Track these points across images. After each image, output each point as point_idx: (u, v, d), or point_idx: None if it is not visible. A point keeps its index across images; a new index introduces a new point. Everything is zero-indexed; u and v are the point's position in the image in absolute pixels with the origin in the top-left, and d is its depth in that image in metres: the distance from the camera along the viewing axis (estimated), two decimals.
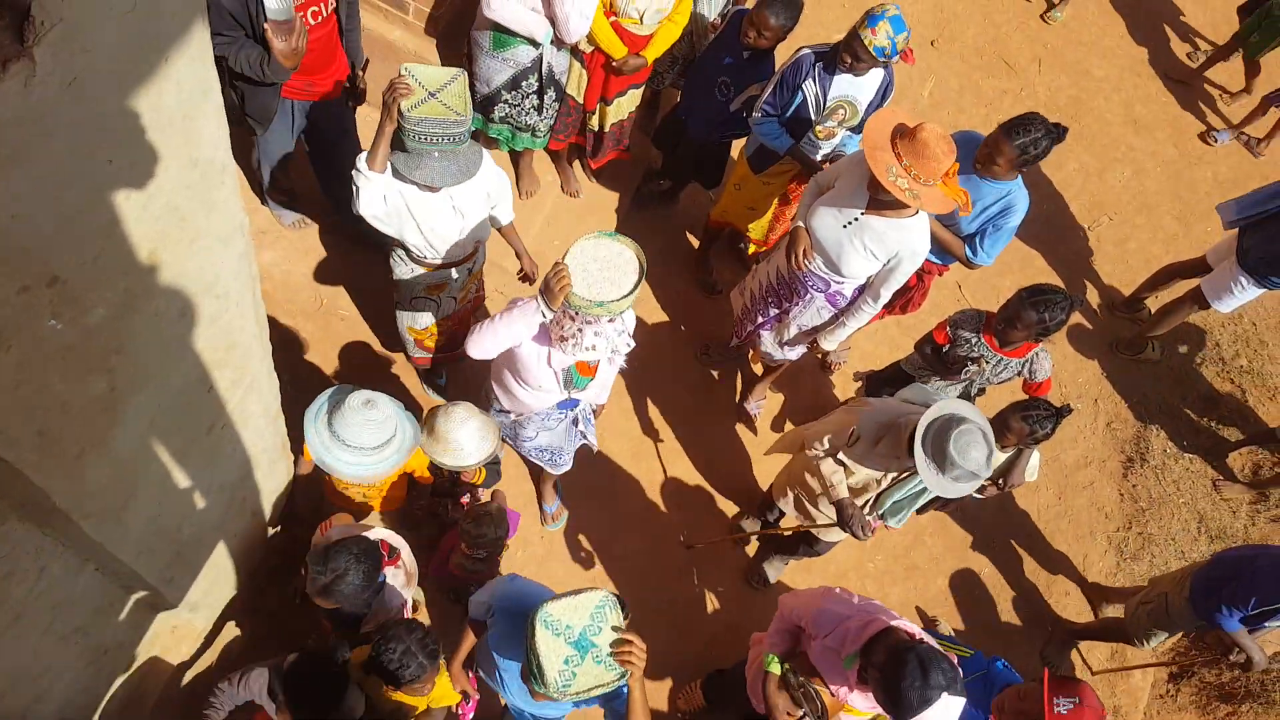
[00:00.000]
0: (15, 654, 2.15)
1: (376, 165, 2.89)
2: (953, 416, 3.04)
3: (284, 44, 3.01)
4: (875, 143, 3.20)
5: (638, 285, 2.72)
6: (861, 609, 2.78)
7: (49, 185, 1.33)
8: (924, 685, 2.41)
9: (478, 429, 3.04)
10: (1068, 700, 2.95)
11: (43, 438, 1.66)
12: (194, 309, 1.92)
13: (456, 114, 2.79)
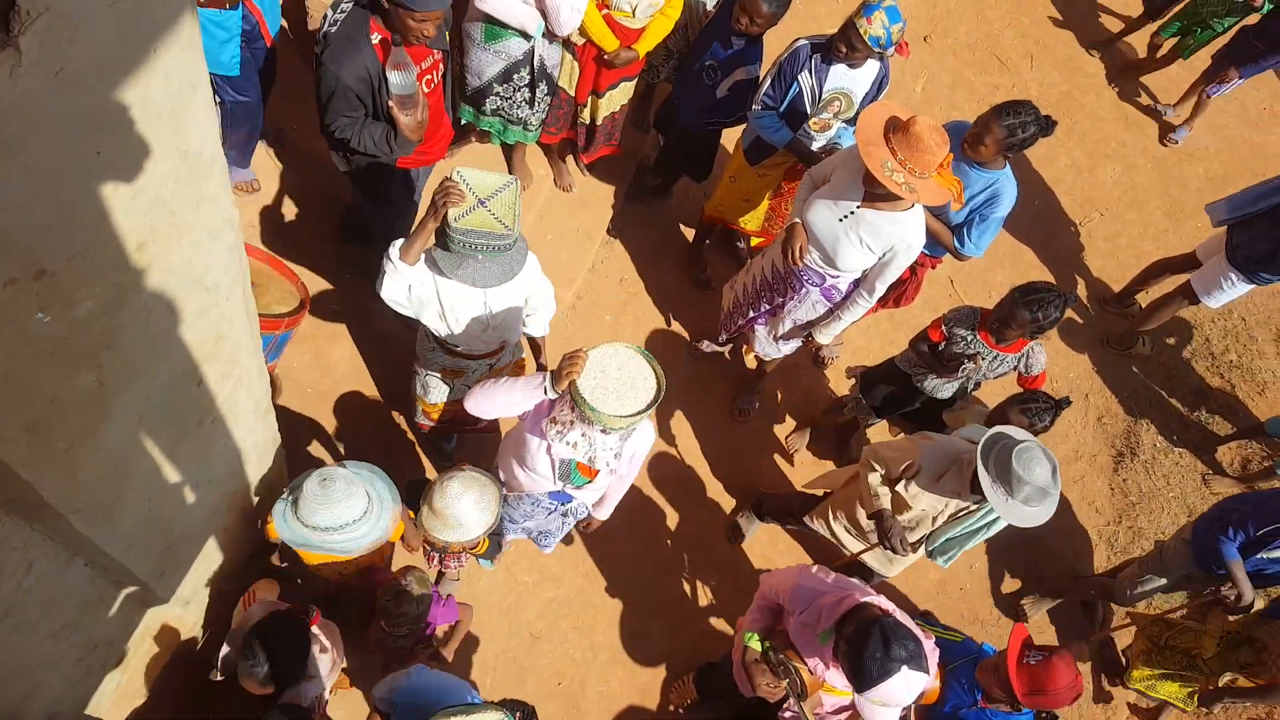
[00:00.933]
0: (4, 651, 2.14)
1: (409, 258, 2.81)
2: (1009, 439, 3.06)
3: (410, 118, 2.99)
4: (869, 138, 3.20)
5: (640, 414, 2.63)
6: (837, 585, 2.81)
7: (36, 177, 1.32)
8: (885, 657, 2.44)
9: (475, 500, 2.90)
10: (1037, 653, 2.96)
11: (31, 432, 1.64)
12: (183, 302, 1.91)
13: (504, 226, 2.70)
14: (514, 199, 2.74)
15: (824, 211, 3.51)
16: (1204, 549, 3.93)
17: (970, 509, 3.29)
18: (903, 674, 2.44)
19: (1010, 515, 3.03)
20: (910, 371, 3.98)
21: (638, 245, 5.12)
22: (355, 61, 2.96)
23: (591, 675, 4.05)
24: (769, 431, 4.88)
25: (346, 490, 2.76)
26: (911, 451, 3.37)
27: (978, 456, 3.04)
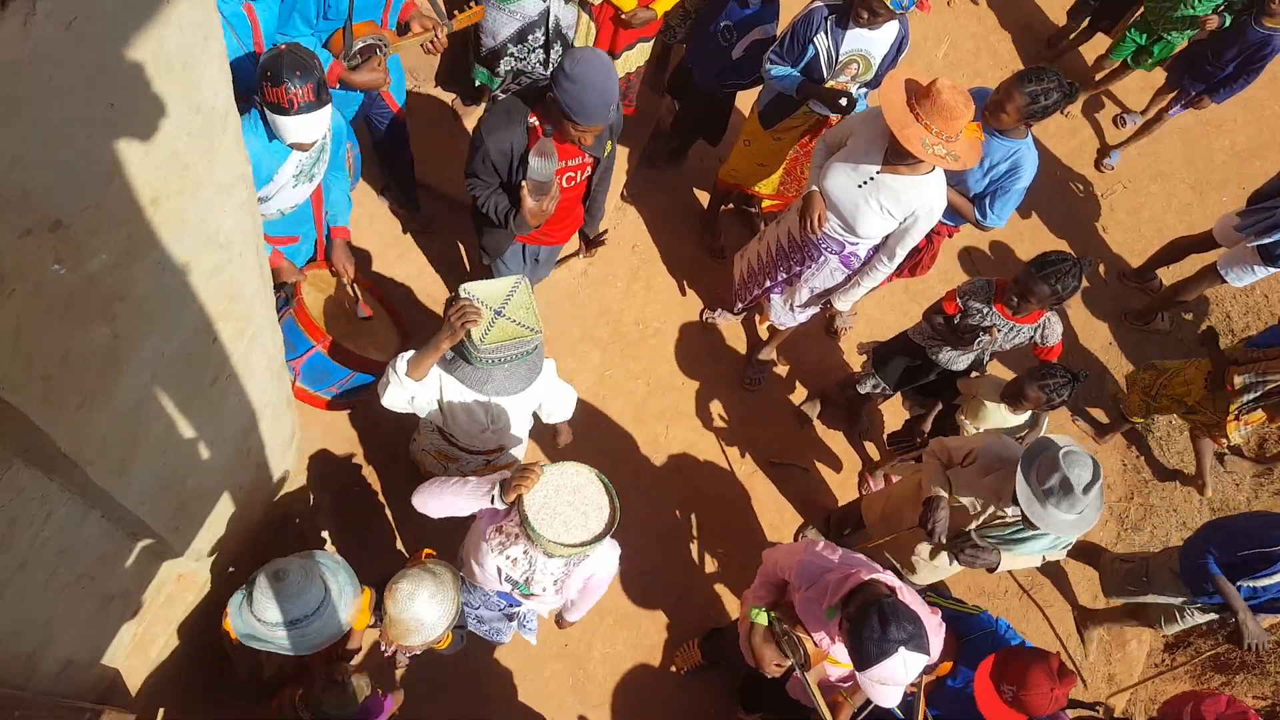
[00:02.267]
0: (22, 600, 2.18)
1: (417, 375, 2.71)
2: (1053, 444, 3.03)
3: (535, 204, 2.98)
4: (901, 120, 3.15)
5: (581, 548, 2.47)
6: (844, 562, 2.81)
7: (50, 129, 1.32)
8: (882, 637, 2.44)
9: (429, 596, 2.74)
10: (1009, 687, 2.92)
11: (47, 384, 1.66)
12: (196, 258, 1.91)
13: (530, 329, 2.61)
14: (528, 298, 2.65)
15: (842, 178, 3.47)
16: (1191, 571, 3.90)
17: (1003, 517, 3.23)
18: (900, 654, 2.44)
19: (1043, 520, 2.97)
20: (924, 344, 3.96)
21: (651, 211, 5.09)
22: (504, 134, 2.97)
23: (598, 638, 4.09)
24: (779, 401, 4.88)
25: (301, 585, 2.66)
26: (975, 442, 3.36)
27: (1019, 462, 3.01)
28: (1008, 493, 3.10)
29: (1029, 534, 3.17)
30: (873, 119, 3.38)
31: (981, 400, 3.84)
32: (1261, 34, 5.02)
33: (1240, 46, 5.14)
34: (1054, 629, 4.71)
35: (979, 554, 3.27)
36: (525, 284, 2.65)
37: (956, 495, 3.28)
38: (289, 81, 2.65)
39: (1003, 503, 3.16)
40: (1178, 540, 5.10)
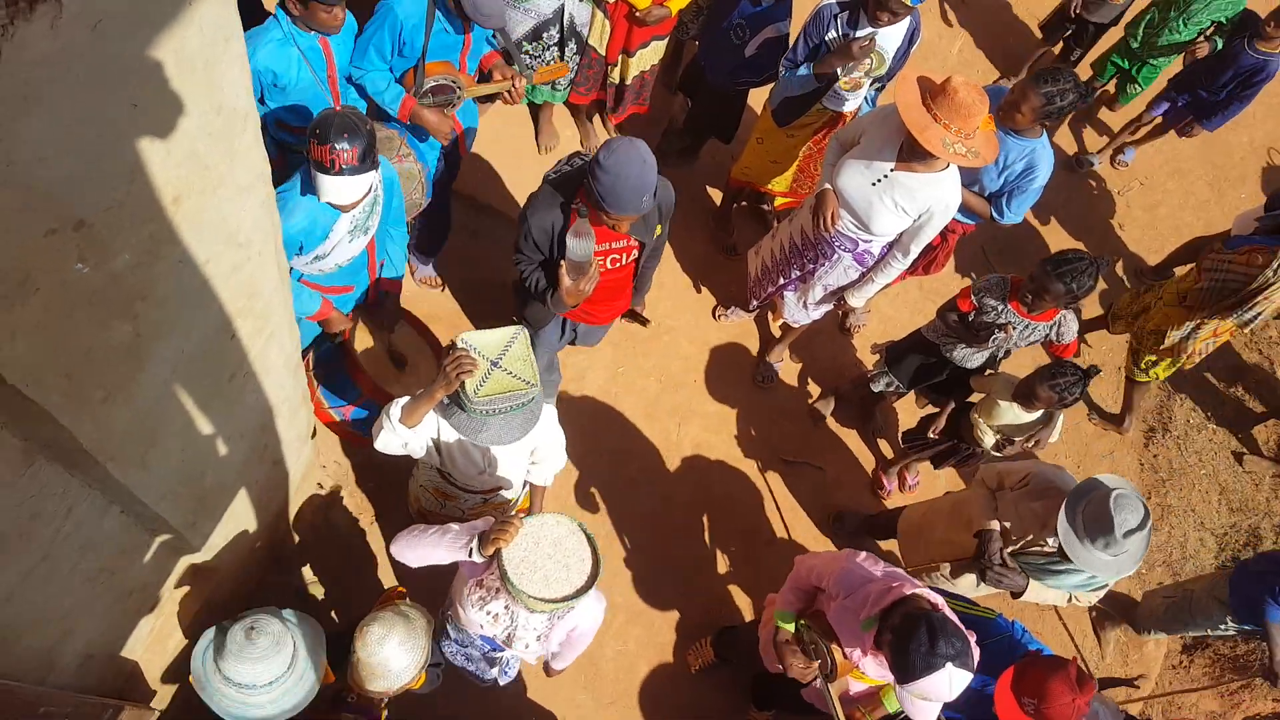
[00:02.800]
0: (44, 591, 2.21)
1: (410, 422, 2.65)
2: (1104, 486, 3.00)
3: (572, 283, 2.97)
4: (920, 122, 3.15)
5: (564, 603, 2.41)
6: (887, 574, 2.78)
7: (74, 128, 1.34)
8: (930, 651, 2.41)
9: (399, 643, 2.64)
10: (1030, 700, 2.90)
11: (69, 380, 1.68)
12: (217, 256, 1.93)
13: (526, 383, 2.54)
14: (525, 350, 2.58)
15: (855, 176, 3.47)
16: (1246, 604, 3.85)
17: (1042, 546, 3.21)
18: (947, 670, 2.41)
19: (1079, 557, 2.94)
20: (939, 341, 3.95)
21: None
22: (545, 214, 2.98)
23: (609, 634, 4.10)
24: (792, 399, 4.87)
25: (273, 648, 2.51)
26: (1030, 467, 3.35)
27: (1067, 495, 2.99)
28: (1052, 523, 3.07)
29: (1064, 567, 3.14)
30: (885, 117, 3.38)
31: (995, 399, 3.83)
32: (1256, 59, 4.89)
33: (1235, 71, 4.99)
34: (1068, 630, 4.70)
35: (1007, 574, 3.24)
36: (524, 336, 2.60)
37: (1001, 518, 3.26)
38: (335, 142, 2.66)
39: (1046, 531, 3.12)
40: (1195, 542, 5.08)
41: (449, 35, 3.33)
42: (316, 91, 3.29)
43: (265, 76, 3.17)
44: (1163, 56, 5.29)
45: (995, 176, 3.73)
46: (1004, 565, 3.23)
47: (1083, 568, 2.98)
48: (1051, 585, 3.25)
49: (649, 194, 2.80)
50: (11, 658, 2.21)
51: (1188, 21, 4.94)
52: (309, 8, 3.04)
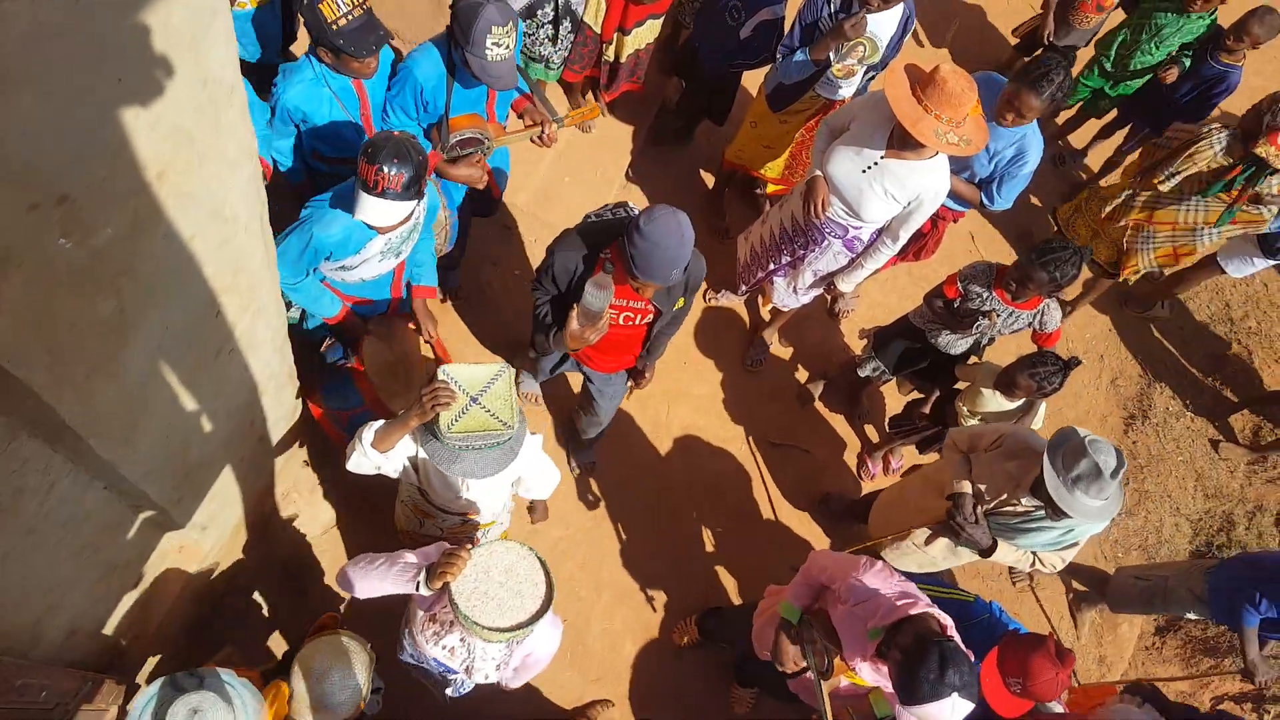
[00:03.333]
0: (27, 567, 2.20)
1: (383, 448, 2.59)
2: (1078, 434, 3.03)
3: (578, 329, 2.91)
4: (912, 115, 3.13)
5: (519, 630, 2.36)
6: (901, 590, 2.79)
7: (58, 103, 1.32)
8: (938, 680, 2.43)
9: (341, 677, 2.59)
10: (1016, 681, 2.94)
11: (52, 357, 1.66)
12: (202, 232, 1.91)
13: (503, 423, 2.49)
14: (508, 389, 2.53)
15: (845, 163, 3.46)
16: (1225, 607, 3.93)
17: (1014, 506, 3.24)
18: (951, 700, 2.43)
19: (1070, 505, 2.97)
20: (924, 327, 3.97)
21: (656, 190, 5.08)
22: (572, 255, 2.94)
23: (596, 613, 4.13)
24: (780, 382, 4.89)
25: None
26: (1005, 429, 3.36)
27: (1045, 450, 3.02)
28: (1026, 481, 3.11)
29: (1034, 526, 3.18)
30: (876, 104, 3.37)
31: (978, 387, 3.86)
32: (1218, 70, 4.85)
33: (1195, 82, 4.95)
34: (1044, 611, 4.76)
35: (977, 531, 3.25)
36: (508, 375, 2.55)
37: (976, 475, 3.29)
38: (383, 164, 2.66)
39: (1020, 490, 3.15)
40: (1171, 527, 5.14)
41: (471, 90, 3.28)
42: (351, 128, 3.27)
43: (295, 114, 3.16)
44: (1135, 79, 5.21)
45: (985, 163, 3.73)
46: (974, 523, 3.25)
47: (1074, 515, 3.00)
48: (1022, 545, 3.28)
49: (680, 268, 2.78)
50: None
51: (1159, 45, 4.90)
52: (340, 58, 3.02)
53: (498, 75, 3.06)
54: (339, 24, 2.93)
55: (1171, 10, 4.78)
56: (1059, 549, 3.29)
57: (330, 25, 2.92)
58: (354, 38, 2.96)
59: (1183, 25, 4.80)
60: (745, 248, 4.34)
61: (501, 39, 2.98)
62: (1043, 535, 3.19)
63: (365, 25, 2.98)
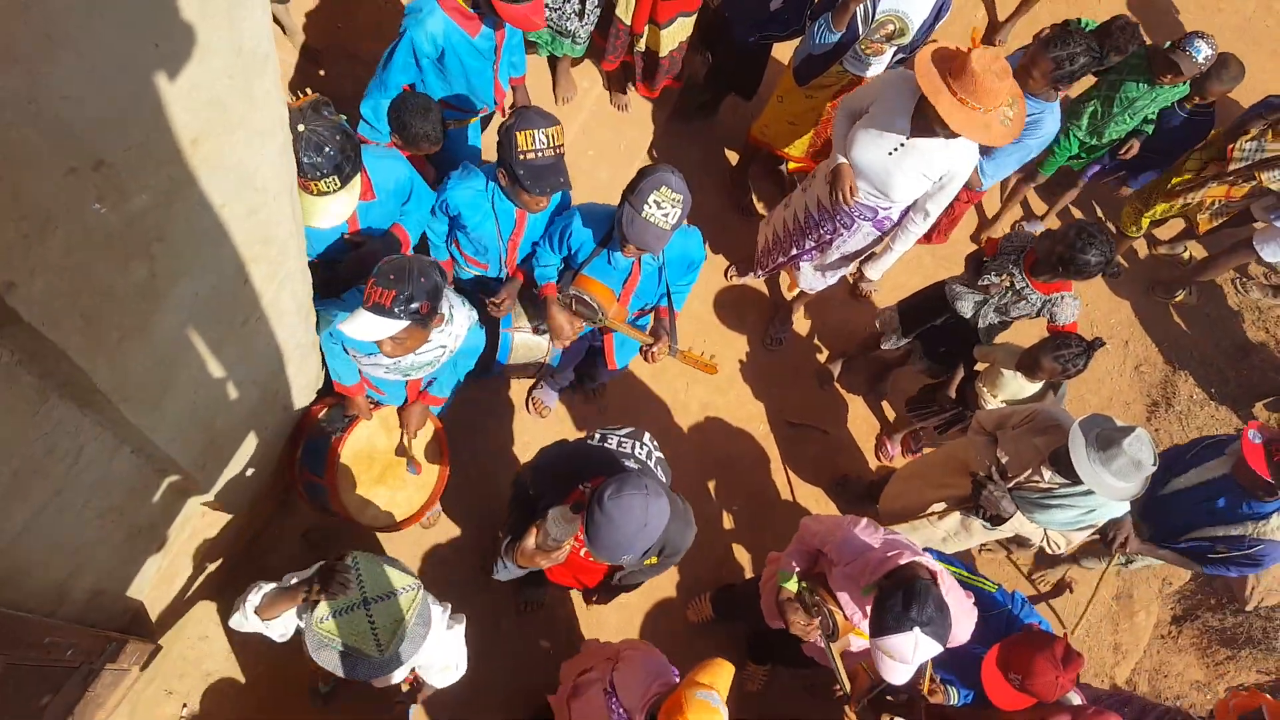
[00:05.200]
0: (55, 528, 2.23)
1: (266, 615, 2.49)
2: (1113, 421, 3.03)
3: (531, 545, 2.61)
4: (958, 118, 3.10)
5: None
6: (886, 543, 2.81)
7: (97, 68, 1.32)
8: (902, 613, 2.46)
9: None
10: (1015, 673, 2.94)
11: (86, 321, 1.68)
12: (233, 200, 1.92)
13: (377, 646, 2.30)
14: (406, 610, 2.34)
15: (870, 147, 3.42)
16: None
17: (1038, 482, 3.23)
18: (913, 634, 2.45)
19: (1095, 481, 2.96)
20: (950, 283, 3.92)
21: (679, 166, 4.95)
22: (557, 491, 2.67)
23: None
24: (800, 362, 4.87)
25: None
26: (1034, 406, 3.36)
27: (1076, 426, 3.01)
28: (1049, 458, 3.11)
29: (1055, 503, 3.18)
30: (895, 84, 3.32)
31: (999, 369, 3.83)
32: (1192, 119, 4.78)
33: (1172, 132, 4.83)
34: (1053, 610, 4.75)
35: (1001, 497, 3.24)
36: (417, 593, 2.38)
37: (1002, 450, 3.28)
38: (378, 277, 2.54)
39: (1040, 465, 3.16)
40: None
41: (615, 267, 3.22)
42: (495, 246, 3.25)
43: (452, 210, 3.15)
44: (1115, 140, 4.89)
45: None
46: (1003, 494, 3.25)
47: (1095, 490, 2.99)
48: (1039, 521, 3.28)
49: (634, 554, 2.41)
50: (23, 590, 2.24)
51: (1133, 115, 4.65)
52: (514, 186, 2.97)
53: (641, 233, 2.90)
54: (527, 156, 2.88)
55: (1143, 81, 4.52)
56: (1074, 529, 3.29)
57: (519, 154, 2.88)
58: (536, 174, 2.92)
59: (1157, 95, 4.56)
60: (767, 232, 4.31)
61: (664, 201, 2.89)
62: (1064, 513, 3.19)
63: (551, 167, 2.94)
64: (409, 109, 3.13)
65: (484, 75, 3.43)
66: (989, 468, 3.28)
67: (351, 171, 2.66)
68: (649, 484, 2.36)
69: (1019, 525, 3.29)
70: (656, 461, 2.89)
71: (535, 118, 2.91)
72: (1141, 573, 4.92)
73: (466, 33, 3.23)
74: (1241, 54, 4.62)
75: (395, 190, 3.06)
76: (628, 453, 2.80)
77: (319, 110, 2.58)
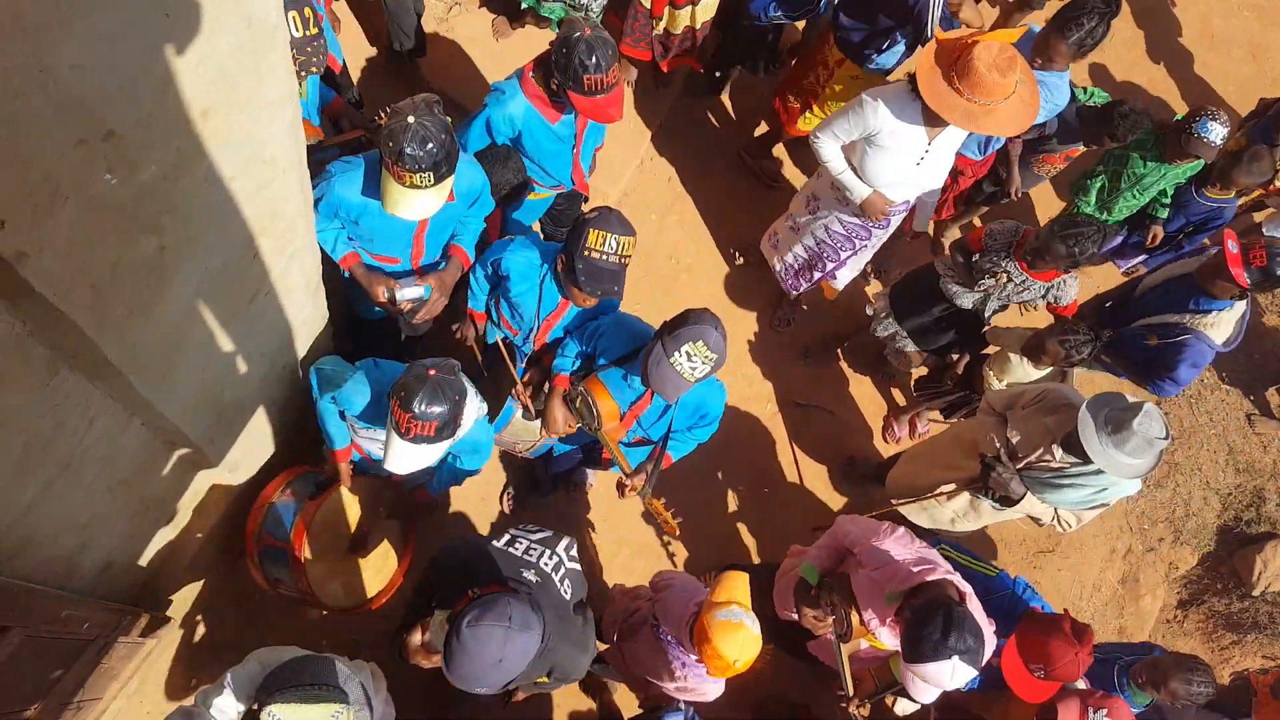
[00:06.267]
0: (65, 501, 2.24)
1: None
2: (1124, 399, 3.01)
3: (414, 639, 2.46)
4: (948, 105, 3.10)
5: None
6: (920, 554, 2.80)
7: (106, 38, 1.31)
8: (941, 641, 2.46)
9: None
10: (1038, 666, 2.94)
11: (96, 293, 1.68)
12: (242, 174, 1.91)
13: None
14: None
15: (893, 169, 3.44)
16: None
17: (1049, 461, 3.23)
18: (952, 662, 2.46)
19: (1107, 462, 2.96)
20: (943, 272, 3.89)
21: (689, 144, 5.02)
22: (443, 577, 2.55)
23: (615, 566, 4.16)
24: (808, 342, 4.85)
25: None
26: (1044, 386, 3.35)
27: (1084, 408, 3.00)
28: (1063, 435, 3.11)
29: (1066, 483, 3.18)
30: (899, 103, 3.29)
31: (1007, 353, 3.81)
32: (1208, 207, 4.40)
33: (1186, 218, 4.49)
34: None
35: (1011, 478, 3.24)
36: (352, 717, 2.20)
37: (1012, 430, 3.28)
38: (411, 408, 2.42)
39: (1056, 443, 3.15)
40: (1199, 500, 5.11)
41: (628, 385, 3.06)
42: (530, 320, 3.18)
43: (503, 270, 3.07)
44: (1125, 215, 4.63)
45: None
46: (1012, 475, 3.25)
47: (1103, 468, 2.99)
48: (1050, 500, 3.28)
49: (489, 687, 2.23)
50: (34, 563, 2.26)
51: (1142, 191, 4.39)
52: (567, 278, 2.88)
53: (663, 377, 2.76)
54: (592, 255, 2.77)
55: (1151, 159, 4.24)
56: (1084, 508, 3.29)
57: (585, 249, 2.77)
58: (594, 275, 2.80)
59: (1165, 173, 4.26)
60: (781, 256, 4.27)
61: (696, 355, 2.75)
62: (1074, 493, 3.18)
63: (611, 274, 2.83)
64: (489, 159, 3.12)
65: (562, 158, 3.37)
66: (998, 449, 3.27)
67: (447, 172, 2.59)
68: (516, 614, 2.15)
69: (1029, 505, 3.29)
70: (565, 575, 2.60)
71: (615, 222, 2.81)
72: (1147, 557, 4.93)
73: (546, 119, 3.18)
74: None
75: (468, 192, 3.01)
76: (532, 561, 2.55)
77: (431, 107, 2.55)
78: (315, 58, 2.80)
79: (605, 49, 2.86)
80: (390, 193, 2.60)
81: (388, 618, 3.12)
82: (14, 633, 2.16)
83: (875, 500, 4.32)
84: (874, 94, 3.33)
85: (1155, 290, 3.84)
